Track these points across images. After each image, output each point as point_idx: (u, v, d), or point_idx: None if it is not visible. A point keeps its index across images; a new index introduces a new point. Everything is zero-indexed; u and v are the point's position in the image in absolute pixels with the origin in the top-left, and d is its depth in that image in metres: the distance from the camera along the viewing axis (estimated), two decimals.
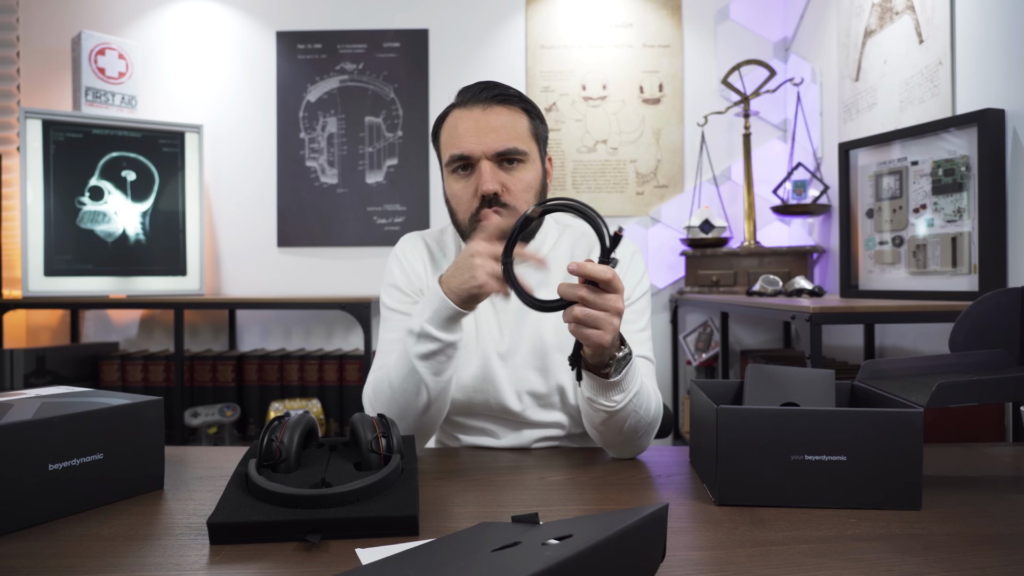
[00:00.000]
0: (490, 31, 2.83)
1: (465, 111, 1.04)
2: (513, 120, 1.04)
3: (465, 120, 1.03)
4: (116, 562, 0.62)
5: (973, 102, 1.67)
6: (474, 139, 1.02)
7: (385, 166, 2.83)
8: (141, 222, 2.58)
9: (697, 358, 2.74)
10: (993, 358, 0.87)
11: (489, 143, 1.02)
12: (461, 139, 1.03)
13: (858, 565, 0.61)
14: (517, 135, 1.04)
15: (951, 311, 1.50)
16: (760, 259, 2.42)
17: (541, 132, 1.09)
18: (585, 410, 0.95)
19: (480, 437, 1.11)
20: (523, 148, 1.04)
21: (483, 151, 1.02)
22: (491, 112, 1.03)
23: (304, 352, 2.67)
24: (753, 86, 2.69)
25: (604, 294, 0.79)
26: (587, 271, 0.78)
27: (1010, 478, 0.88)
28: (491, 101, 1.03)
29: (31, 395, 0.86)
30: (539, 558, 0.44)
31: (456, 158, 1.04)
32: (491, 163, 1.02)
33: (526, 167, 1.05)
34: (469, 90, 1.06)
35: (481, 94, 1.04)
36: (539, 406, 1.09)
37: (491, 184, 1.00)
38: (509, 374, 1.08)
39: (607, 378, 0.87)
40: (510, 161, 1.03)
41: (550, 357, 1.07)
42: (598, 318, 0.79)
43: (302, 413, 0.82)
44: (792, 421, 0.75)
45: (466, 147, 1.02)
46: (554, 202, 0.81)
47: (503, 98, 1.04)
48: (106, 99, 2.59)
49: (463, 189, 1.05)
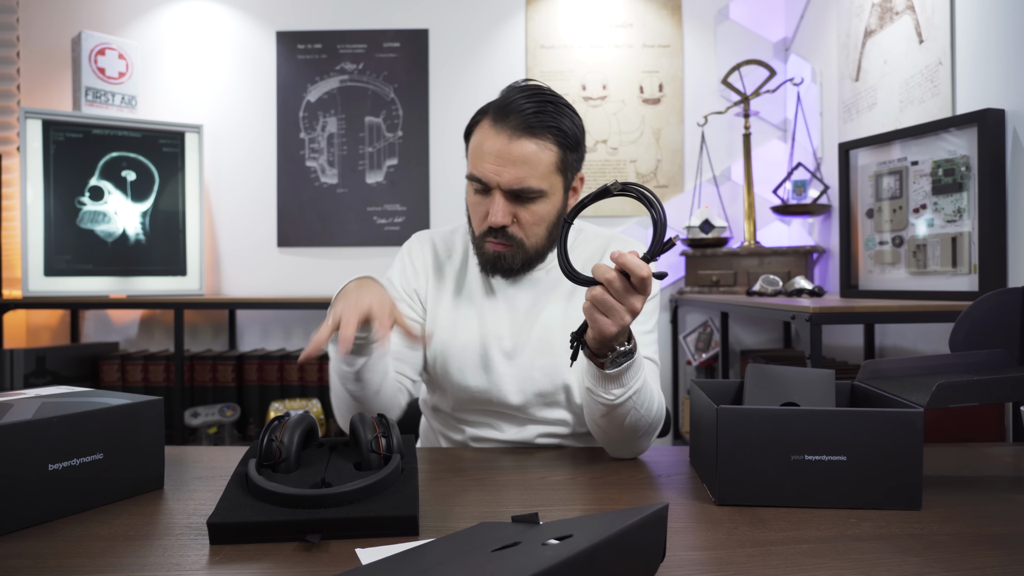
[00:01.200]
0: (490, 31, 2.83)
1: (493, 132, 1.01)
2: (538, 155, 1.01)
3: (491, 141, 1.01)
4: (116, 562, 0.62)
5: (973, 102, 1.67)
6: (493, 169, 1.01)
7: (385, 166, 2.83)
8: (141, 222, 2.58)
9: (697, 358, 2.74)
10: (993, 358, 0.87)
11: (506, 177, 1.00)
12: (483, 162, 1.02)
13: (858, 565, 0.61)
14: (538, 173, 1.01)
15: (951, 311, 1.50)
16: (760, 259, 2.41)
17: (571, 161, 1.06)
18: (586, 402, 0.95)
19: (484, 429, 1.12)
20: (539, 187, 1.02)
21: (498, 182, 1.01)
22: (516, 144, 1.00)
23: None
24: (753, 86, 2.69)
25: (630, 289, 0.79)
26: (625, 261, 0.77)
27: (1010, 478, 0.88)
28: (521, 132, 0.99)
29: (31, 395, 0.86)
30: (539, 558, 0.44)
31: (473, 178, 1.04)
32: (504, 196, 1.02)
33: (542, 202, 1.04)
34: (508, 105, 1.02)
35: (514, 117, 1.00)
36: (544, 404, 1.10)
37: (499, 218, 1.01)
38: (515, 372, 1.09)
39: (602, 368, 0.87)
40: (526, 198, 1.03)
41: (557, 357, 1.08)
42: (613, 307, 0.79)
43: (302, 413, 0.82)
44: (792, 421, 0.75)
45: (484, 173, 1.02)
46: (634, 186, 0.80)
47: (534, 130, 1.00)
48: (106, 99, 2.59)
49: (477, 206, 1.06)
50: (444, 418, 1.18)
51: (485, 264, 1.09)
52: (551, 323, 1.10)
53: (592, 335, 0.84)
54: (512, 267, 1.08)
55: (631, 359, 0.87)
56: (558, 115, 1.02)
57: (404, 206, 2.82)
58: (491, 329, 1.11)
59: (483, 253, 1.08)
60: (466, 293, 1.15)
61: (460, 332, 1.12)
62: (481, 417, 1.13)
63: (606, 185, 0.81)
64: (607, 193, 0.81)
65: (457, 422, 1.15)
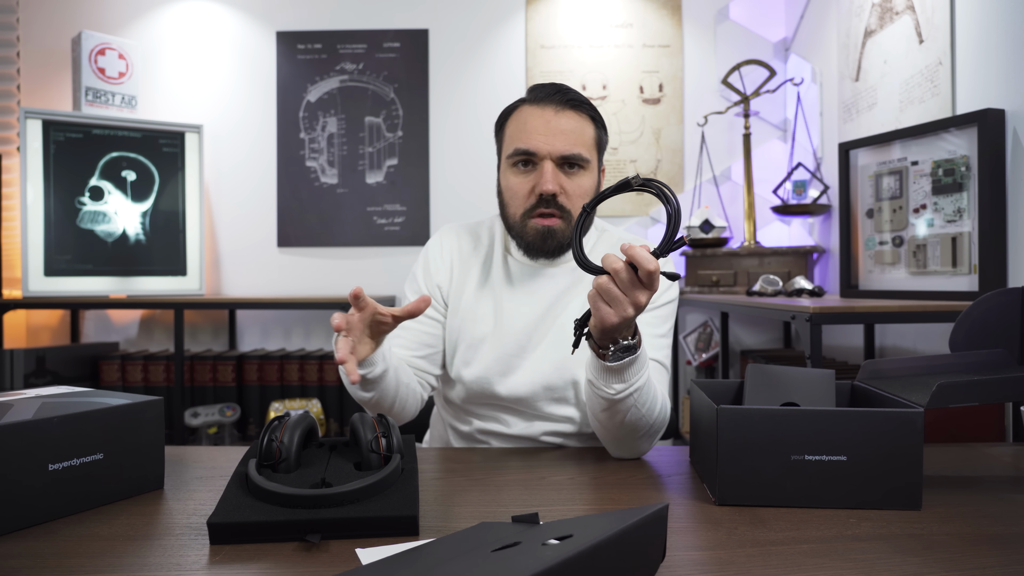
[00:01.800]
0: (490, 31, 2.83)
1: (537, 109, 1.06)
2: (581, 127, 1.06)
3: (535, 118, 1.05)
4: (116, 562, 0.62)
5: (973, 102, 1.67)
6: (542, 138, 1.04)
7: (385, 166, 2.83)
8: (141, 222, 2.58)
9: (697, 358, 2.74)
10: (993, 358, 0.87)
11: (557, 145, 1.04)
12: (529, 135, 1.05)
13: (858, 565, 0.61)
14: (583, 142, 1.06)
15: (951, 311, 1.50)
16: (760, 259, 2.41)
17: (603, 141, 1.12)
18: (588, 395, 0.96)
19: (490, 423, 1.13)
20: (587, 155, 1.06)
21: (549, 151, 1.04)
22: (562, 115, 1.05)
23: (304, 352, 2.67)
24: (753, 86, 2.69)
25: (636, 282, 0.79)
26: (635, 254, 0.78)
27: (1010, 478, 0.88)
28: (564, 105, 1.05)
29: (31, 395, 0.86)
30: (539, 558, 0.44)
31: (520, 152, 1.06)
32: (553, 165, 1.05)
33: (585, 174, 1.07)
34: (542, 89, 1.08)
35: (555, 96, 1.06)
36: (551, 399, 1.11)
37: (551, 185, 1.04)
38: (526, 365, 1.10)
39: (603, 360, 0.87)
40: (571, 166, 1.06)
41: (567, 352, 1.08)
42: (617, 298, 0.80)
43: (302, 413, 0.82)
44: (792, 421, 0.75)
45: (533, 144, 1.04)
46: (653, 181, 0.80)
47: (575, 103, 1.06)
48: (106, 99, 2.59)
49: (520, 184, 1.07)
50: (454, 409, 1.19)
51: (530, 246, 1.10)
52: (565, 319, 1.11)
53: (594, 323, 0.84)
54: (561, 243, 1.09)
55: (633, 355, 0.87)
56: (588, 102, 1.10)
57: (404, 206, 2.82)
58: (508, 322, 1.12)
59: (528, 233, 1.08)
60: (489, 284, 1.16)
61: (478, 323, 1.13)
62: (489, 411, 1.13)
63: (627, 178, 0.82)
64: (627, 187, 0.82)
65: (466, 414, 1.16)
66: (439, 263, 1.19)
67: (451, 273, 1.18)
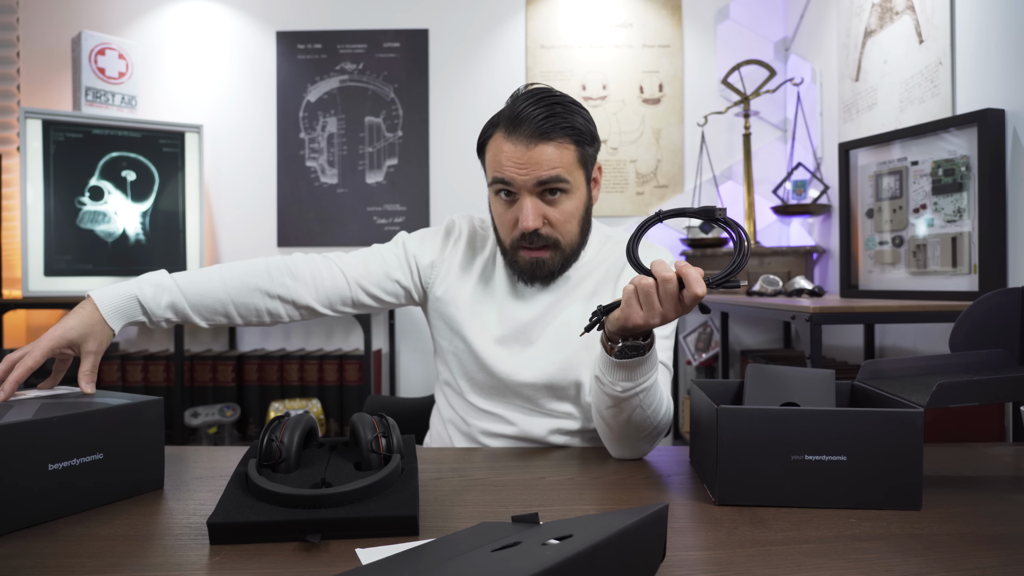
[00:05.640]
0: (490, 31, 2.83)
1: (510, 143, 1.01)
2: (559, 154, 1.01)
3: (508, 152, 1.01)
4: (116, 562, 0.62)
5: (973, 102, 1.67)
6: (515, 171, 1.01)
7: (385, 166, 2.83)
8: (141, 222, 2.59)
9: (697, 358, 2.74)
10: (993, 358, 0.87)
11: (533, 174, 1.01)
12: (504, 167, 1.02)
13: (858, 565, 0.61)
14: (563, 165, 1.02)
15: (951, 311, 1.50)
16: (760, 259, 2.41)
17: (589, 155, 1.07)
18: (594, 391, 0.96)
19: (494, 423, 1.12)
20: (567, 177, 1.02)
21: (525, 182, 1.01)
22: (534, 151, 1.00)
23: (304, 352, 2.67)
24: (753, 86, 2.69)
25: (677, 299, 0.80)
26: (688, 274, 0.79)
27: (1010, 478, 0.88)
28: (538, 138, 1.00)
29: (31, 395, 0.86)
30: (539, 558, 0.44)
31: (499, 180, 1.03)
32: (533, 197, 1.02)
33: (569, 197, 1.05)
34: (516, 116, 1.01)
35: (528, 126, 1.00)
36: (554, 397, 1.11)
37: (531, 222, 1.02)
38: (529, 356, 1.10)
39: (610, 353, 0.88)
40: (552, 192, 1.03)
41: (572, 352, 1.09)
42: (652, 304, 0.80)
43: (302, 413, 0.82)
44: (792, 421, 0.75)
45: (509, 175, 1.02)
46: (733, 221, 0.82)
47: (548, 135, 1.00)
48: (106, 99, 2.59)
49: (505, 215, 1.06)
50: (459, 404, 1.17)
51: (522, 275, 1.09)
52: (570, 320, 1.10)
53: (618, 316, 0.84)
54: (552, 271, 1.08)
55: (640, 355, 0.87)
56: (569, 115, 1.02)
57: (404, 206, 2.82)
58: (510, 324, 1.12)
59: (517, 263, 1.08)
60: (490, 288, 1.16)
61: (479, 318, 1.13)
62: (492, 405, 1.13)
63: (712, 208, 0.83)
64: (710, 215, 0.83)
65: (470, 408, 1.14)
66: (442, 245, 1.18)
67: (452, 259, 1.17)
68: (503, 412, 1.12)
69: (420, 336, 2.85)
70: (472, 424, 1.14)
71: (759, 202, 2.71)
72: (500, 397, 1.12)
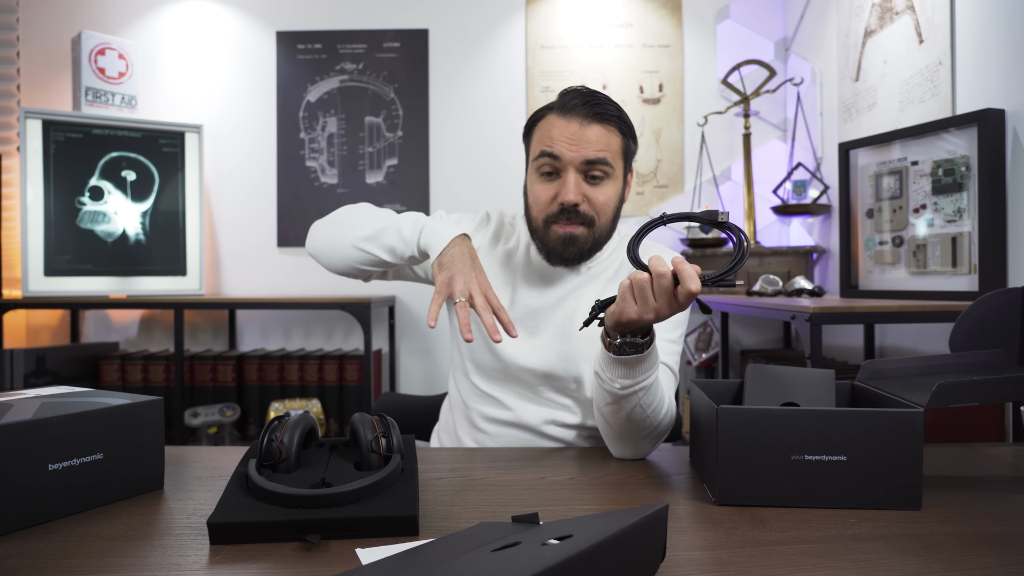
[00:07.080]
0: (490, 31, 2.83)
1: (563, 120, 1.06)
2: (608, 138, 1.06)
3: (561, 128, 1.05)
4: (116, 562, 0.62)
5: (973, 102, 1.67)
6: (566, 145, 1.04)
7: (385, 166, 2.83)
8: (141, 222, 2.58)
9: (697, 358, 2.74)
10: (993, 358, 0.87)
11: (581, 151, 1.04)
12: (555, 141, 1.05)
13: (858, 565, 0.61)
14: (609, 149, 1.06)
15: (951, 311, 1.50)
16: (760, 259, 2.41)
17: (630, 150, 1.11)
18: (595, 388, 0.97)
19: (492, 407, 1.14)
20: (611, 161, 1.06)
21: (572, 159, 1.04)
22: (587, 128, 1.04)
23: (304, 352, 2.67)
24: (753, 86, 2.69)
25: (672, 295, 0.80)
26: (684, 270, 0.79)
27: (1010, 478, 0.88)
28: (592, 118, 1.05)
29: (31, 395, 0.86)
30: (539, 558, 0.44)
31: (546, 154, 1.05)
32: (577, 174, 1.05)
33: (609, 183, 1.07)
34: (571, 97, 1.07)
35: (583, 107, 1.05)
36: (554, 389, 1.12)
37: (573, 195, 1.04)
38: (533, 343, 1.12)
39: (608, 349, 0.89)
40: (595, 176, 1.06)
41: (576, 346, 1.10)
42: (647, 299, 0.81)
43: (302, 413, 0.82)
44: (792, 421, 0.75)
45: (558, 148, 1.05)
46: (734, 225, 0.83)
47: (602, 117, 1.05)
48: (106, 99, 2.59)
49: (544, 191, 1.08)
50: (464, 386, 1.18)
51: (551, 252, 1.10)
52: (578, 313, 1.12)
53: (613, 310, 0.85)
54: (582, 250, 1.09)
55: (639, 353, 0.88)
56: (617, 109, 1.08)
57: (404, 206, 2.82)
58: (521, 310, 1.14)
59: (550, 238, 1.09)
60: (507, 274, 1.17)
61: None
62: (493, 388, 1.14)
63: (716, 212, 0.84)
64: (712, 219, 0.84)
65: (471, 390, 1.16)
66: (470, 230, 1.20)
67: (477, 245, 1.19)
68: (502, 396, 1.14)
69: (420, 336, 2.85)
70: (472, 407, 1.16)
71: (759, 202, 2.71)
72: (501, 381, 1.14)
